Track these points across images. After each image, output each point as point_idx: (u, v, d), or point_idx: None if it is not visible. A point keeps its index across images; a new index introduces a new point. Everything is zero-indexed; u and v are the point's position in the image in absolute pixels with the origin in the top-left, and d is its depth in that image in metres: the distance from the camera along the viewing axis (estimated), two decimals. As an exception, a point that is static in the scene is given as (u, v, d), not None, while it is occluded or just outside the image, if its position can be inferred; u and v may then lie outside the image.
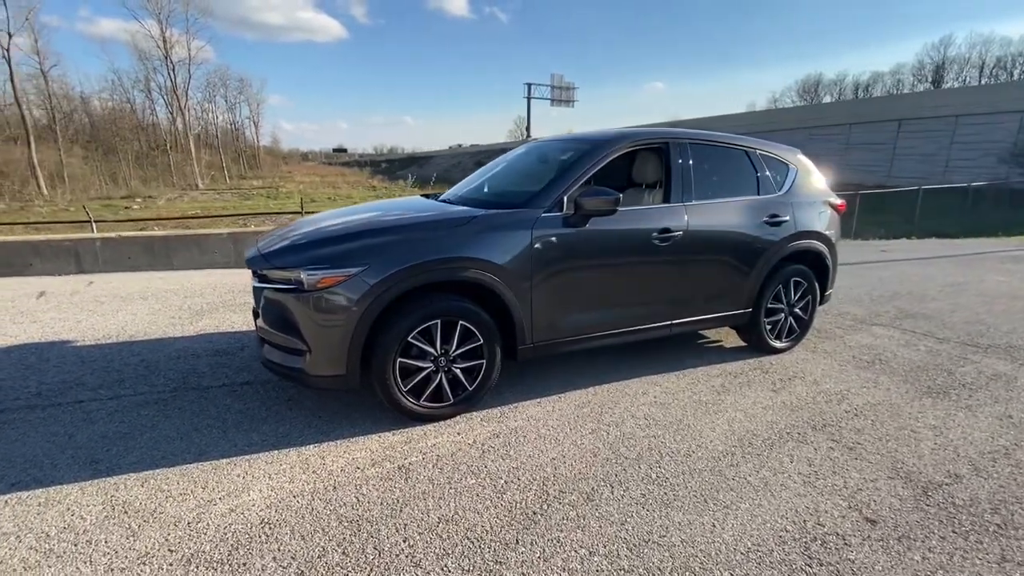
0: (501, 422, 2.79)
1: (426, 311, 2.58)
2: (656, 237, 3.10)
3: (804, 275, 3.77)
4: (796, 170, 3.82)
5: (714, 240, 3.33)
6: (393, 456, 2.45)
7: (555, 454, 2.49)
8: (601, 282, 3.03)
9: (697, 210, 3.28)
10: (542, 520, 2.02)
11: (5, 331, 4.04)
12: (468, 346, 2.74)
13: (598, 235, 2.94)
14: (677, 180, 3.27)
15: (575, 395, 3.12)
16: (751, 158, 3.63)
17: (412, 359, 2.63)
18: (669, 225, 3.14)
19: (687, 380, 3.36)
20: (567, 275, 2.90)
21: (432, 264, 2.55)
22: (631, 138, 3.25)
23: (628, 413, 2.90)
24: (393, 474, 2.31)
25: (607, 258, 3.01)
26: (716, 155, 3.53)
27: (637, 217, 3.13)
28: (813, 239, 3.74)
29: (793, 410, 2.98)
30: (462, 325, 2.69)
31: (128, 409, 2.85)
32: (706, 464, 2.42)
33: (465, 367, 2.77)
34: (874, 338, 4.28)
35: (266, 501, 2.11)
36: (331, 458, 2.42)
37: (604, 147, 3.13)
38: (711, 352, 3.88)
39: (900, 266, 7.83)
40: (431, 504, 2.10)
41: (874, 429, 2.77)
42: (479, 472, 2.33)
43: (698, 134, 3.49)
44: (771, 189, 3.65)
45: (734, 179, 3.58)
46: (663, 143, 3.31)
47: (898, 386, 3.33)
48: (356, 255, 2.48)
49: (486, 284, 2.68)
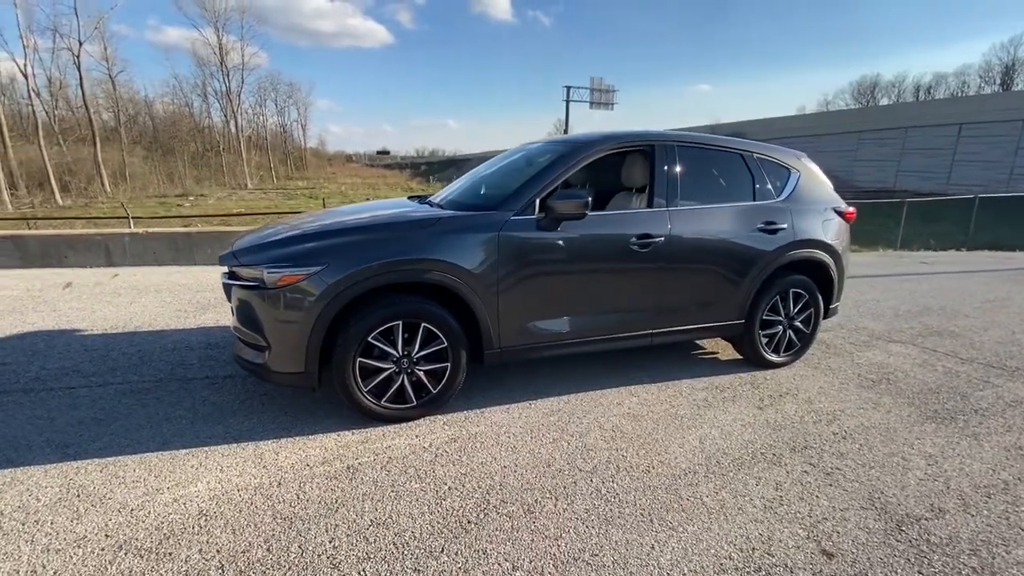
0: (463, 426, 2.75)
1: (386, 312, 2.58)
2: (635, 243, 2.99)
3: (805, 286, 3.56)
4: (798, 175, 3.61)
5: (701, 247, 3.19)
6: (345, 455, 2.45)
7: (508, 462, 2.43)
8: (574, 288, 2.95)
9: (682, 215, 3.14)
10: (474, 530, 1.97)
11: (26, 318, 4.32)
12: (432, 348, 2.72)
13: (570, 239, 2.87)
14: (661, 184, 3.15)
15: (547, 402, 3.05)
16: (747, 162, 3.45)
17: (373, 360, 2.63)
18: (649, 231, 3.03)
19: (669, 392, 3.22)
20: (537, 280, 2.83)
21: (393, 265, 2.54)
22: (612, 140, 3.15)
23: (596, 423, 2.81)
24: (340, 473, 2.31)
25: (580, 263, 2.93)
26: (708, 159, 3.38)
27: (613, 221, 3.03)
28: (815, 248, 3.52)
29: (775, 429, 2.80)
30: (425, 327, 2.67)
31: (111, 397, 2.98)
32: (663, 482, 2.30)
33: (429, 370, 2.75)
34: (887, 356, 3.99)
35: (211, 493, 2.15)
36: (285, 454, 2.45)
37: (582, 149, 3.05)
38: (703, 364, 3.72)
39: (939, 279, 7.30)
40: (368, 506, 2.09)
41: (860, 454, 2.57)
42: (425, 477, 2.30)
43: (689, 136, 3.36)
44: (768, 195, 3.46)
45: (727, 184, 3.42)
46: (648, 146, 3.20)
47: (900, 409, 3.08)
48: (316, 254, 2.51)
49: (449, 286, 2.66)
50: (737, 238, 3.27)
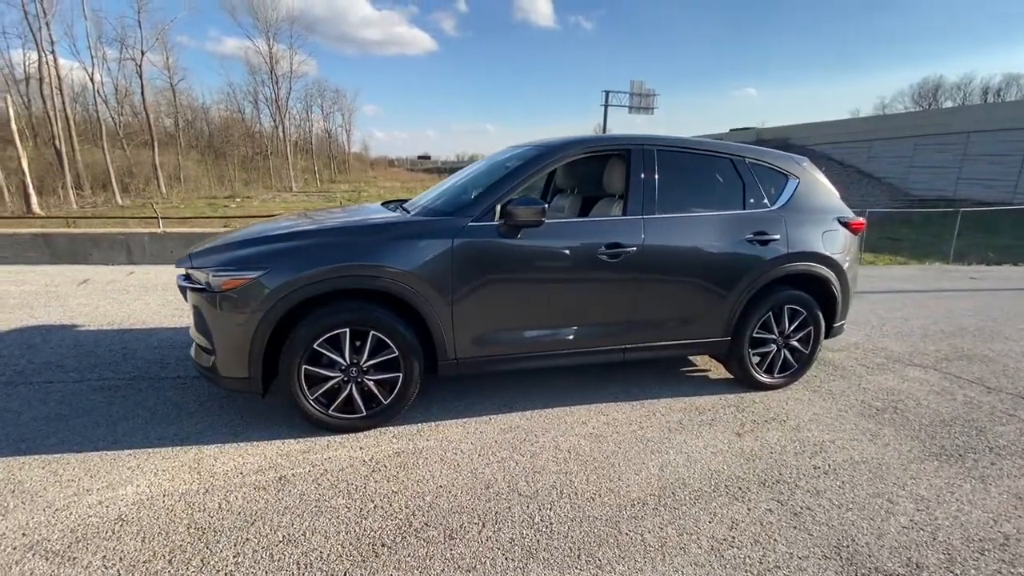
0: (412, 440, 2.65)
1: (331, 319, 2.52)
2: (604, 253, 2.81)
3: (802, 303, 3.26)
4: (797, 182, 3.33)
5: (679, 259, 2.97)
6: (281, 465, 2.39)
7: (446, 481, 2.30)
8: (536, 298, 2.80)
9: (658, 224, 2.94)
10: (385, 555, 1.86)
11: (35, 313, 4.53)
12: (382, 357, 2.64)
13: (531, 247, 2.72)
14: (637, 191, 2.96)
15: (508, 418, 2.91)
16: (738, 168, 3.21)
17: (320, 367, 2.57)
18: (620, 240, 2.84)
19: (642, 412, 3.02)
20: (495, 289, 2.70)
21: (337, 271, 2.48)
22: (581, 145, 2.99)
23: (553, 443, 2.65)
24: (269, 484, 2.25)
25: (542, 272, 2.78)
26: (693, 164, 3.16)
27: (580, 229, 2.87)
28: (813, 262, 3.22)
29: (749, 459, 2.56)
30: (374, 335, 2.59)
31: (83, 393, 3.05)
32: (605, 512, 2.12)
33: (380, 379, 2.67)
34: (902, 381, 3.62)
35: (136, 497, 2.13)
36: (223, 460, 2.42)
37: (548, 155, 2.91)
38: (689, 382, 3.47)
39: (985, 296, 6.66)
40: (285, 521, 2.01)
41: (839, 493, 2.30)
42: (354, 493, 2.21)
43: (673, 140, 3.15)
44: (761, 203, 3.20)
45: (714, 191, 3.18)
46: (624, 150, 3.02)
47: (902, 442, 2.76)
48: (260, 259, 2.47)
49: (397, 294, 2.57)
50: (721, 249, 3.04)
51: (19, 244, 6.31)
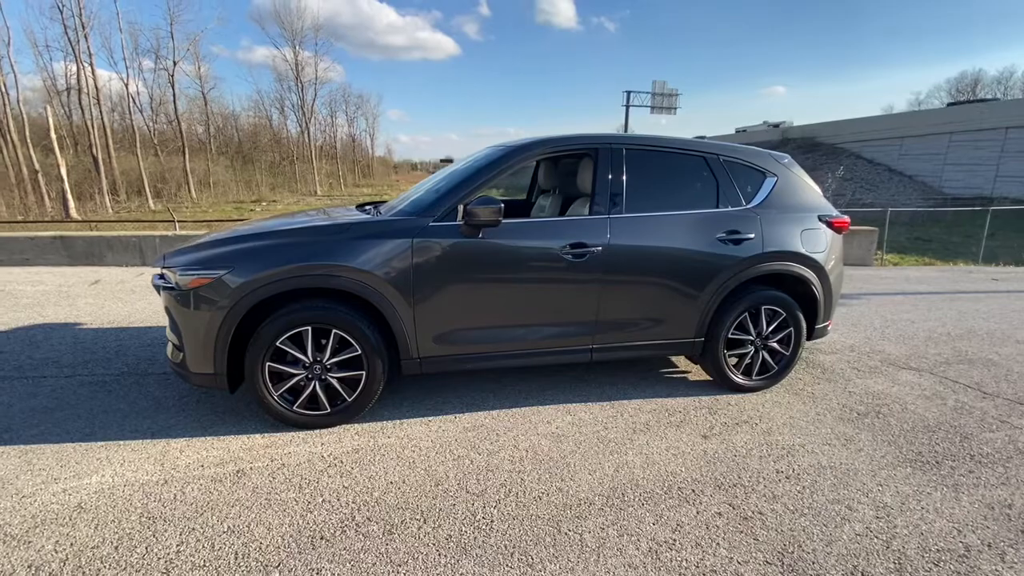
0: (374, 437, 2.68)
1: (293, 317, 2.58)
2: (567, 252, 2.80)
3: (781, 303, 3.18)
4: (775, 180, 3.25)
5: (646, 258, 2.94)
6: (242, 459, 2.46)
7: (398, 478, 2.33)
8: (499, 298, 2.80)
9: (625, 224, 2.91)
10: (322, 547, 1.89)
11: (44, 312, 4.76)
12: (345, 356, 2.68)
13: (492, 247, 2.73)
14: (603, 190, 2.94)
15: (474, 416, 2.92)
16: (711, 166, 3.15)
17: (285, 365, 2.63)
18: (584, 240, 2.83)
19: (610, 412, 2.99)
20: (456, 288, 2.72)
21: (297, 270, 2.54)
22: (546, 144, 2.98)
23: (512, 442, 2.65)
24: (226, 477, 2.31)
25: (504, 272, 2.78)
26: (663, 163, 3.12)
27: (542, 229, 2.86)
28: (791, 261, 3.14)
29: (710, 462, 2.51)
30: (336, 334, 2.64)
31: (72, 388, 3.19)
32: (549, 512, 2.11)
33: (343, 377, 2.71)
34: (892, 384, 3.49)
35: (99, 487, 2.22)
36: (188, 453, 2.50)
37: (511, 155, 2.91)
38: (666, 383, 3.42)
39: (1003, 299, 6.36)
40: (233, 513, 2.07)
41: (796, 498, 2.24)
42: (306, 487, 2.25)
43: (643, 139, 3.11)
44: (735, 201, 3.14)
45: (685, 190, 3.14)
46: (591, 149, 3.00)
47: (877, 448, 2.67)
48: (223, 260, 2.55)
49: (357, 293, 2.61)
50: (691, 249, 2.99)
51: (39, 246, 6.65)
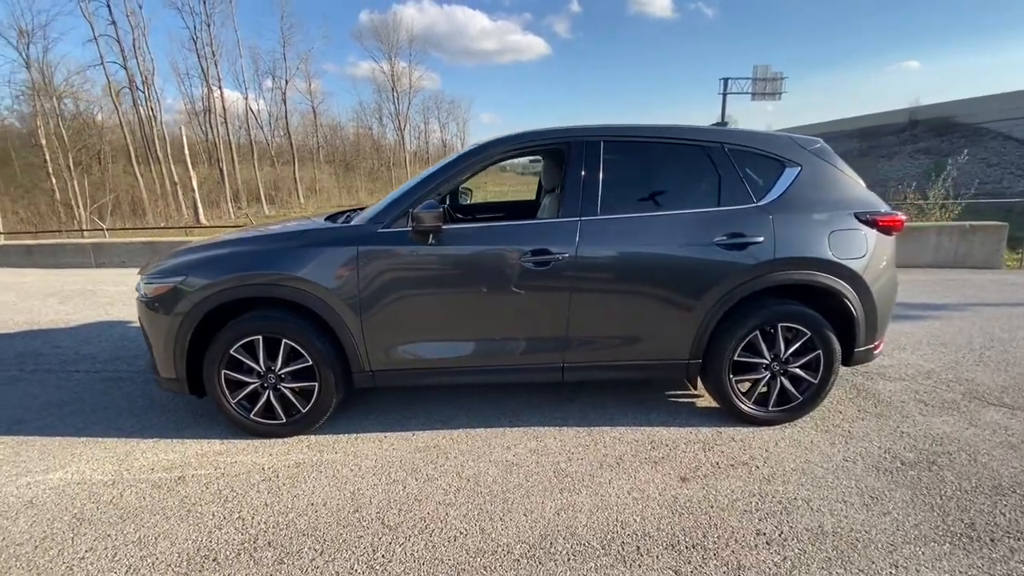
0: (321, 452, 2.60)
1: (245, 326, 2.57)
2: (528, 260, 2.51)
3: (804, 320, 2.62)
4: (797, 171, 2.67)
5: (624, 266, 2.55)
6: (190, 465, 2.49)
7: (321, 500, 2.21)
8: (453, 309, 2.59)
9: (597, 227, 2.55)
10: (210, 571, 1.82)
11: (110, 310, 5.36)
12: (296, 366, 2.63)
13: (444, 254, 2.53)
14: (573, 190, 2.60)
15: (433, 435, 2.73)
16: (713, 157, 2.66)
17: (241, 373, 2.64)
18: (548, 245, 2.52)
19: (584, 440, 2.64)
20: (407, 298, 2.55)
21: (243, 279, 2.52)
22: (508, 143, 2.70)
23: (458, 469, 2.42)
24: (166, 483, 2.35)
25: (458, 281, 2.56)
26: (649, 155, 2.69)
27: (499, 234, 2.59)
28: (814, 269, 2.56)
29: (677, 512, 2.09)
30: (286, 344, 2.59)
31: (92, 383, 3.49)
32: (457, 558, 1.86)
33: (296, 387, 2.66)
34: (967, 426, 2.74)
35: (58, 483, 2.36)
36: (148, 455, 2.58)
37: (469, 156, 2.67)
38: (666, 409, 2.97)
39: None
40: (151, 523, 2.08)
41: (771, 570, 1.77)
42: (229, 501, 2.21)
43: (626, 128, 2.71)
44: (743, 197, 2.62)
45: (677, 186, 2.69)
46: (562, 143, 2.67)
47: (910, 512, 2.06)
48: (180, 269, 2.60)
49: (302, 302, 2.54)
50: (681, 256, 2.55)
51: (131, 251, 7.59)
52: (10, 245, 8.74)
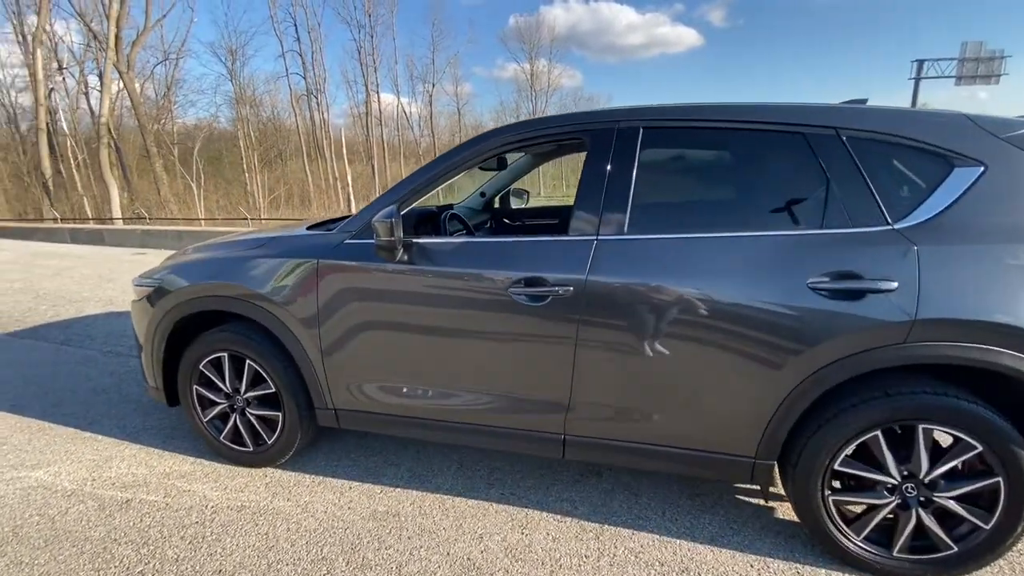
0: (275, 496, 2.23)
1: (212, 341, 2.31)
2: (518, 291, 1.83)
3: (972, 426, 1.54)
4: (978, 172, 1.57)
5: (657, 307, 1.73)
6: (148, 485, 2.29)
7: (229, 568, 1.82)
8: (426, 346, 2.02)
9: (620, 249, 1.77)
10: (57, 647, 1.52)
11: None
12: (261, 391, 2.30)
13: (410, 276, 1.97)
14: (590, 196, 1.84)
15: (402, 496, 2.20)
16: (819, 150, 1.68)
17: (211, 391, 2.39)
18: (545, 272, 1.81)
19: (586, 550, 1.89)
20: (371, 326, 2.06)
21: (200, 289, 2.26)
22: (511, 132, 2.00)
23: (404, 562, 1.86)
24: (113, 505, 2.16)
25: (429, 311, 1.98)
26: (711, 149, 1.84)
27: (481, 254, 1.93)
28: (1001, 345, 1.47)
29: None
30: (250, 365, 2.28)
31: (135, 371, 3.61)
32: None
33: (262, 415, 2.34)
34: None
35: (35, 483, 2.31)
36: (121, 466, 2.46)
37: (463, 148, 2.05)
38: (726, 514, 2.06)
39: None
40: (63, 557, 1.87)
41: None
42: (145, 547, 1.93)
43: (675, 111, 1.83)
44: (868, 215, 1.62)
45: (754, 194, 1.78)
46: (581, 133, 1.92)
47: None
48: (160, 272, 2.42)
49: (260, 320, 2.19)
50: (749, 299, 1.65)
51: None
52: (167, 230, 10.29)
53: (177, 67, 31.05)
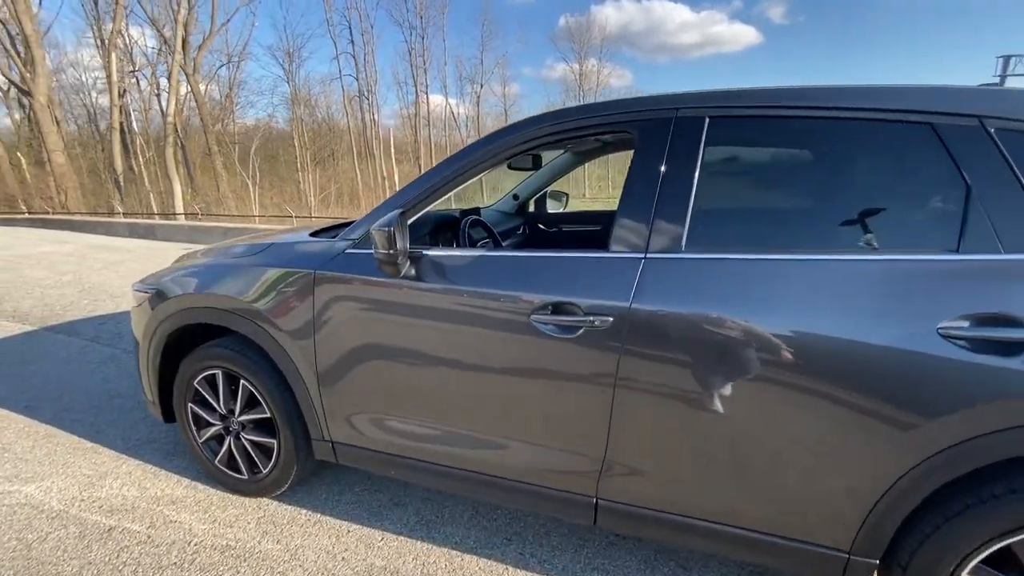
0: (262, 535, 1.97)
1: (203, 355, 2.09)
2: (543, 319, 1.48)
3: None
4: None
5: (726, 349, 1.33)
6: (135, 511, 2.09)
7: (201, 628, 1.57)
8: (428, 377, 1.70)
9: (677, 271, 1.39)
10: None
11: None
12: (256, 415, 2.06)
13: (414, 294, 1.65)
14: (639, 202, 1.46)
15: (403, 549, 1.90)
16: (954, 148, 1.24)
17: (206, 410, 2.17)
18: (576, 299, 1.45)
19: (617, 639, 1.52)
20: (372, 351, 1.76)
21: (189, 300, 2.04)
22: (544, 122, 1.65)
23: (397, 633, 1.55)
24: (92, 534, 1.97)
25: (433, 336, 1.66)
26: (804, 145, 1.41)
27: (498, 269, 1.59)
28: None
29: None
30: (245, 385, 2.03)
31: (160, 374, 3.50)
32: None
33: (257, 441, 2.09)
34: None
35: (21, 498, 2.17)
36: (115, 485, 2.28)
37: (485, 143, 1.71)
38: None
39: None
40: (24, 597, 1.68)
41: None
42: (114, 589, 1.71)
43: (753, 95, 1.42)
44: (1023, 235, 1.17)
45: (863, 205, 1.35)
46: (628, 125, 1.54)
47: None
48: (156, 278, 2.23)
49: (252, 336, 1.93)
50: (851, 344, 1.23)
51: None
52: (214, 226, 10.54)
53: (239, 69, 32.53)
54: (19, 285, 6.07)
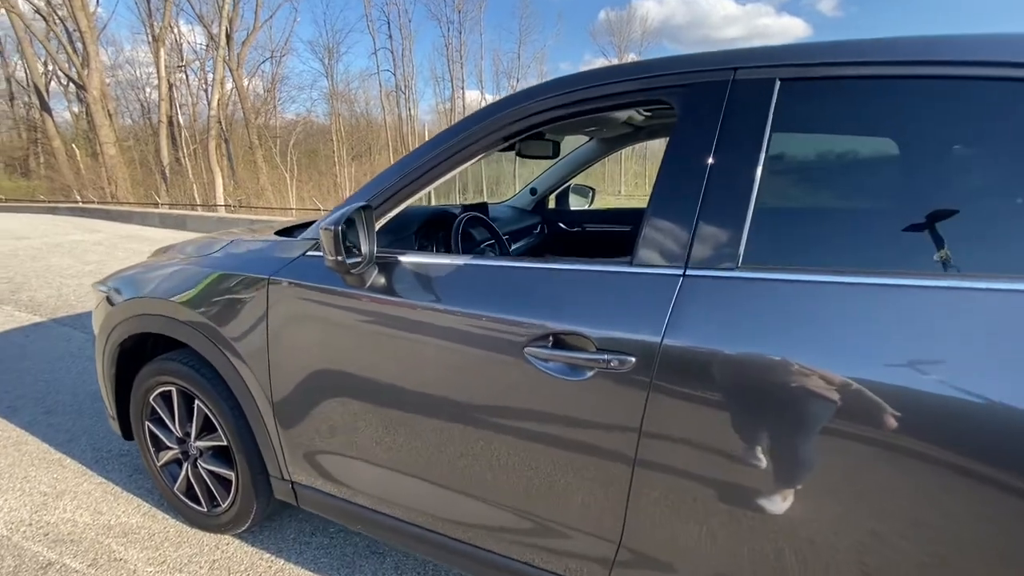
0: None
1: (155, 370, 1.80)
2: (539, 354, 1.10)
3: None
4: None
5: (800, 404, 0.91)
6: (82, 542, 1.83)
7: None
8: (398, 415, 1.34)
9: (730, 294, 0.98)
10: None
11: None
12: (212, 441, 1.76)
13: (379, 308, 1.30)
14: (677, 200, 1.06)
15: (378, 615, 1.56)
16: None
17: (163, 431, 1.89)
18: (585, 328, 1.06)
19: None
20: (331, 377, 1.42)
21: (136, 306, 1.75)
22: (558, 90, 1.24)
23: None
24: (26, 570, 1.71)
25: (406, 365, 1.30)
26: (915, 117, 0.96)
27: (486, 283, 1.22)
28: None
29: None
30: (199, 406, 1.74)
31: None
32: None
33: (215, 471, 1.80)
34: None
35: (-36, 521, 1.95)
36: (69, 507, 2.03)
37: (470, 122, 1.33)
38: None
39: None
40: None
41: None
42: (26, 651, 1.44)
43: (837, 49, 0.99)
44: None
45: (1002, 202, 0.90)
46: (666, 93, 1.13)
47: None
48: (113, 277, 1.95)
49: (200, 351, 1.63)
50: (987, 413, 0.80)
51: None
52: (240, 219, 10.56)
53: (281, 64, 33.22)
54: (42, 273, 6.10)
